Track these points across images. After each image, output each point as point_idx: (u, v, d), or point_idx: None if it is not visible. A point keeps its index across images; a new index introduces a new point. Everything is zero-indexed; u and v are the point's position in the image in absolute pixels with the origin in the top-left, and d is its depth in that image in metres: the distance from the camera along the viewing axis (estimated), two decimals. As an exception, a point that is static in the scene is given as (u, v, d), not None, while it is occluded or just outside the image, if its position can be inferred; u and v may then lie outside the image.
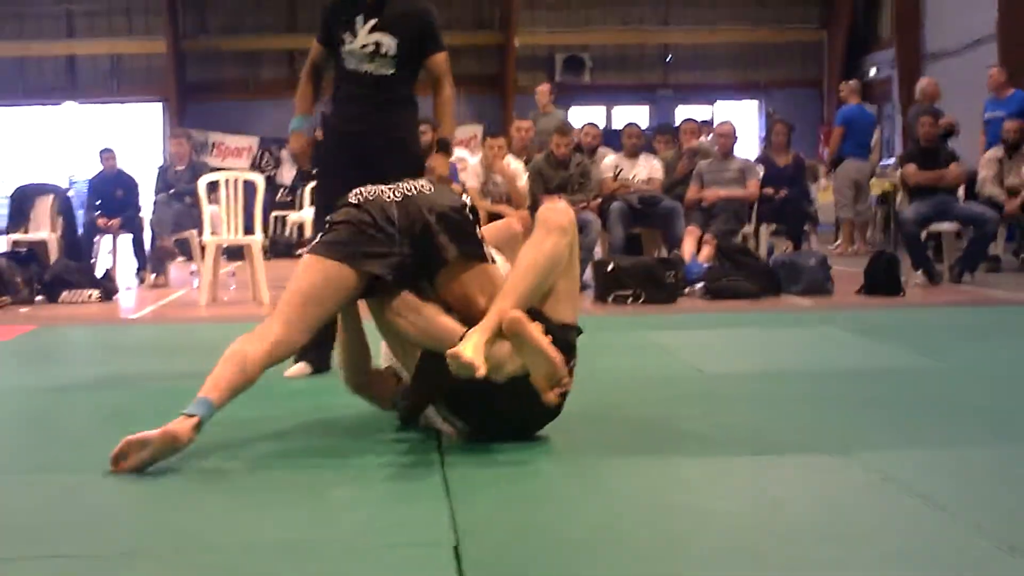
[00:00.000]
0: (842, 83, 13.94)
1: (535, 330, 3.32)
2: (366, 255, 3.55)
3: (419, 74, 4.77)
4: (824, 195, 13.16)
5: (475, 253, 3.64)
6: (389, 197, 3.64)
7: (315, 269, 3.59)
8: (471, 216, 3.68)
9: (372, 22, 4.65)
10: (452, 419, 3.70)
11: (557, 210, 3.63)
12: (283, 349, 3.57)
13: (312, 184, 13.17)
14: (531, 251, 3.54)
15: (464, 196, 3.82)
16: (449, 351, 3.28)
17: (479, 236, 3.68)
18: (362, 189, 3.72)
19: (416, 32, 4.72)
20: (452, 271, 3.62)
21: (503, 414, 3.56)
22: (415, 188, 3.69)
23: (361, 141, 4.44)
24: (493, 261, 3.72)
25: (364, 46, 4.59)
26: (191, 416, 3.35)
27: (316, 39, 4.86)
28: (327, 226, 3.67)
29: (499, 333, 3.34)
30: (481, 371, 3.24)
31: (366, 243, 3.56)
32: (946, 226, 9.66)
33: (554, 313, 3.57)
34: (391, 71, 4.60)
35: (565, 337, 3.53)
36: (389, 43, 4.58)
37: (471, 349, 3.26)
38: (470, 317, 3.51)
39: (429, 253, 3.59)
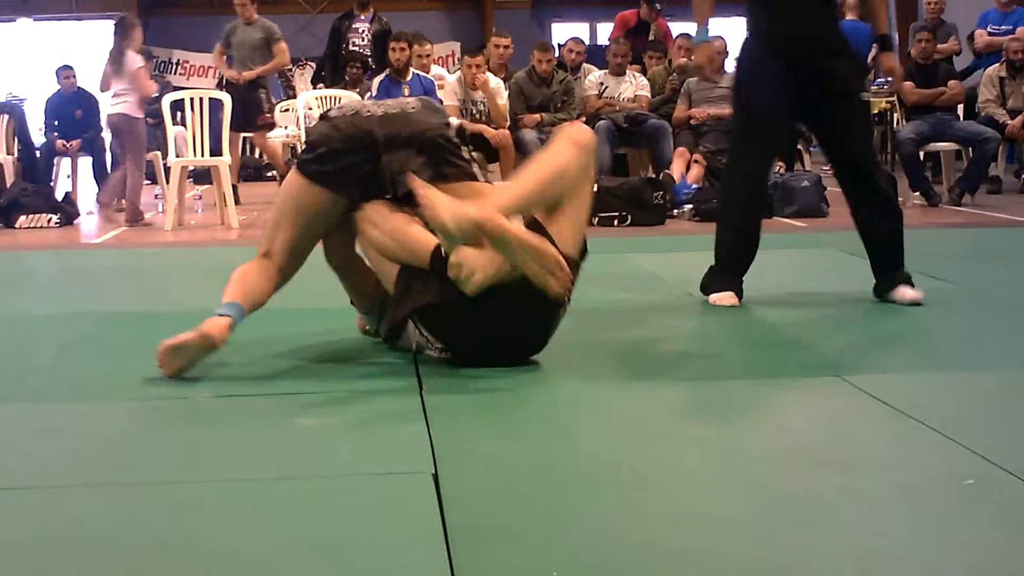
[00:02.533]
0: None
1: (511, 224, 3.26)
2: (344, 175, 3.53)
3: None
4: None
5: (449, 175, 3.50)
6: (368, 112, 3.60)
7: (302, 191, 3.60)
8: (455, 137, 3.60)
9: None
10: (431, 340, 3.56)
11: (581, 128, 3.62)
12: (282, 279, 3.66)
13: (284, 105, 12.76)
14: (542, 160, 3.50)
15: (451, 118, 3.76)
16: (453, 259, 3.19)
17: (462, 157, 3.58)
18: (342, 105, 3.78)
19: None
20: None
21: (482, 332, 3.44)
22: (398, 107, 3.64)
23: (810, 48, 4.70)
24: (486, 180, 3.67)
25: None
26: (224, 316, 3.38)
27: None
28: (306, 145, 3.73)
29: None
30: (479, 276, 3.20)
31: (343, 159, 3.53)
32: (944, 146, 9.43)
33: (557, 238, 3.43)
34: None
35: None
36: None
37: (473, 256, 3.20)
38: None
39: (401, 171, 3.49)
